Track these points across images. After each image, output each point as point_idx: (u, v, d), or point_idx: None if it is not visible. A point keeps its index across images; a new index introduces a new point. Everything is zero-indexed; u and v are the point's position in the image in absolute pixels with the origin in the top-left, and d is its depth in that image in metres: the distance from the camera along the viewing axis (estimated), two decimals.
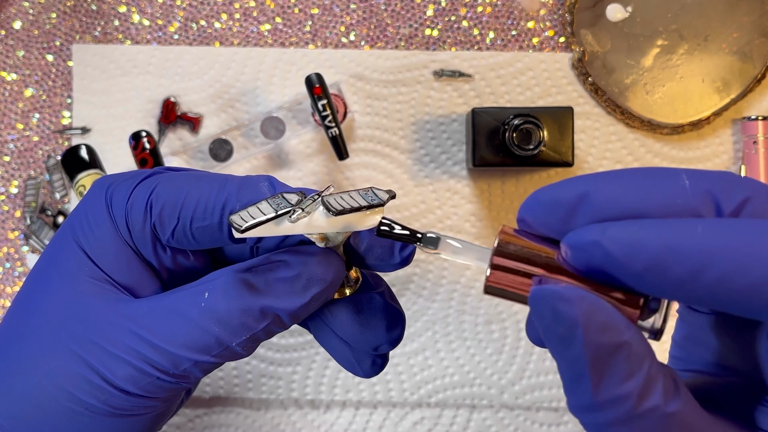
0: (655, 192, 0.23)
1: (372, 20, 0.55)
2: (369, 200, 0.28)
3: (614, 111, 0.54)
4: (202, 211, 0.30)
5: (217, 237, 0.31)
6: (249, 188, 0.30)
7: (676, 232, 0.22)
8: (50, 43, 0.55)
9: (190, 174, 0.32)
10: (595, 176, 0.24)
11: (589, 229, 0.23)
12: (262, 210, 0.27)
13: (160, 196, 0.31)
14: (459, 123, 0.55)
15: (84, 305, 0.31)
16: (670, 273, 0.22)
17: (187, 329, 0.30)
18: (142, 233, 0.31)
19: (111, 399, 0.30)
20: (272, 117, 0.54)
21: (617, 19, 0.54)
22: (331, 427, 0.55)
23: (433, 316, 0.55)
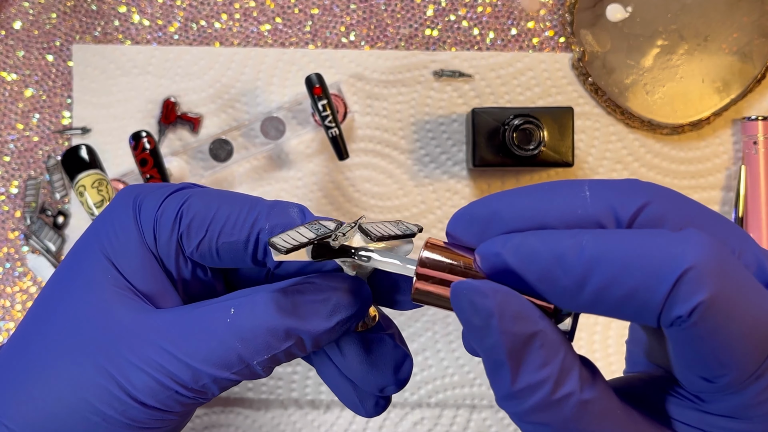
0: (557, 204, 0.25)
1: (372, 20, 0.55)
2: (402, 230, 0.30)
3: (614, 111, 0.54)
4: (231, 226, 0.31)
5: (241, 256, 0.31)
6: (279, 211, 0.31)
7: (564, 244, 0.24)
8: (50, 43, 0.55)
9: (223, 192, 0.32)
10: (506, 193, 0.26)
11: (494, 240, 0.25)
12: (302, 234, 0.28)
13: (191, 208, 0.31)
14: (459, 123, 0.55)
15: (109, 315, 0.31)
16: (559, 283, 0.24)
17: (209, 344, 0.30)
18: (168, 243, 0.31)
19: (129, 411, 0.30)
20: (272, 117, 0.54)
21: (617, 19, 0.54)
22: (331, 427, 0.55)
23: (433, 316, 0.55)
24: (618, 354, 0.55)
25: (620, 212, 0.25)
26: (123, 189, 0.33)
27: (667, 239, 0.23)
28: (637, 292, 0.23)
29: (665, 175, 0.55)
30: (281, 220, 0.31)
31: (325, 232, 0.28)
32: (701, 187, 0.55)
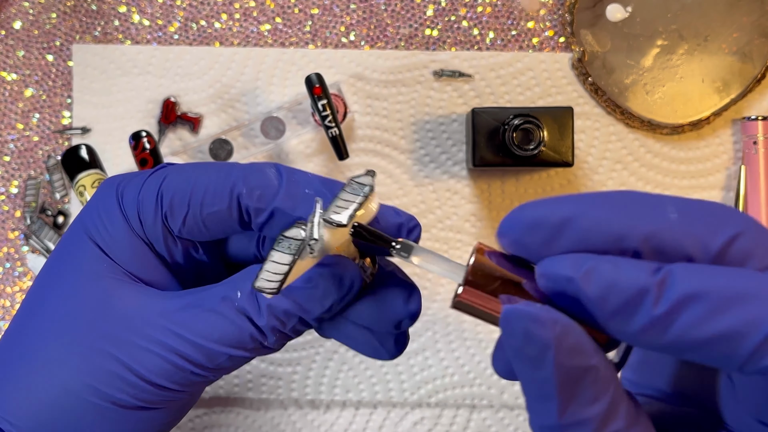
0: (639, 223, 0.23)
1: (372, 20, 0.55)
2: (360, 192, 0.28)
3: (614, 111, 0.54)
4: (212, 196, 0.31)
5: (228, 223, 0.31)
6: (256, 173, 0.31)
7: (650, 278, 0.22)
8: (50, 43, 0.55)
9: (198, 164, 0.32)
10: (580, 198, 0.24)
11: (565, 262, 0.23)
12: (279, 261, 0.28)
13: (169, 186, 0.31)
14: (459, 123, 0.55)
15: (109, 302, 0.31)
16: (635, 320, 0.22)
17: (222, 326, 0.31)
18: (154, 225, 0.31)
19: (142, 394, 0.31)
20: (272, 117, 0.54)
21: (617, 19, 0.54)
22: (331, 427, 0.55)
23: (433, 316, 0.55)
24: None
25: (710, 242, 0.23)
26: (106, 179, 0.33)
27: (761, 281, 0.22)
28: (727, 337, 0.21)
29: (665, 175, 0.55)
30: (258, 181, 0.31)
31: (296, 246, 0.27)
32: (701, 187, 0.55)
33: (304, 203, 0.30)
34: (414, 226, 0.31)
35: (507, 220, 0.24)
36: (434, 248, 0.55)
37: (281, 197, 0.30)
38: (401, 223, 0.30)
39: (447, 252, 0.55)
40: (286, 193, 0.30)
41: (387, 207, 0.31)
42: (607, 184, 0.55)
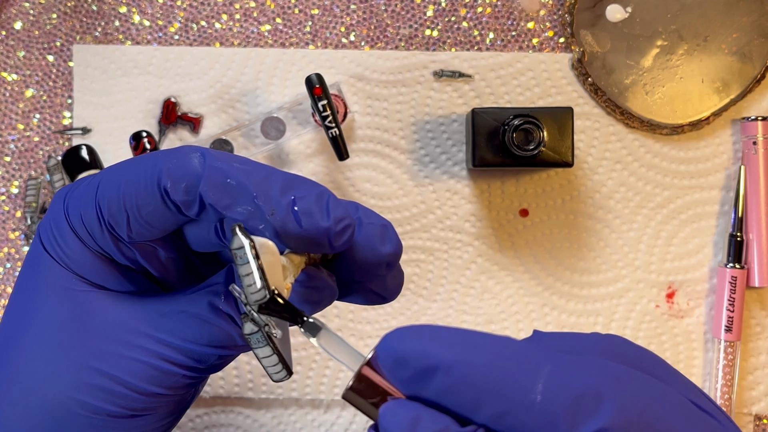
0: (499, 398, 0.23)
1: (372, 21, 0.55)
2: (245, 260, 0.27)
3: (614, 111, 0.54)
4: (143, 196, 0.29)
5: (170, 218, 0.30)
6: (178, 161, 0.29)
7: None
8: (51, 43, 0.55)
9: (127, 162, 0.31)
10: (454, 345, 0.23)
11: (402, 417, 0.24)
12: (262, 355, 0.28)
13: (104, 194, 0.30)
14: (459, 123, 0.55)
15: (88, 317, 0.31)
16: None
17: (209, 330, 0.30)
18: (102, 237, 0.31)
19: (133, 403, 0.31)
20: (272, 117, 0.54)
21: (617, 19, 0.54)
22: (332, 427, 0.55)
23: (433, 316, 0.55)
24: None
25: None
26: (57, 191, 0.32)
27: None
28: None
29: (665, 175, 0.55)
30: (181, 171, 0.29)
31: (263, 339, 0.27)
32: (701, 187, 0.55)
33: (228, 195, 0.28)
34: (343, 228, 0.29)
35: (383, 343, 0.25)
36: (434, 248, 0.55)
37: (204, 187, 0.29)
38: (327, 227, 0.28)
39: (447, 252, 0.55)
40: (208, 181, 0.29)
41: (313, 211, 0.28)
42: (607, 184, 0.55)
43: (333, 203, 0.29)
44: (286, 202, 0.28)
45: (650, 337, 0.55)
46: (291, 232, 0.28)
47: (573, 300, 0.55)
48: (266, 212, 0.28)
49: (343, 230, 0.29)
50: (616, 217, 0.55)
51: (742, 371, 0.54)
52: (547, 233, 0.55)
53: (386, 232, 0.30)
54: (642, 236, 0.55)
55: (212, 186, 0.29)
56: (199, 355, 0.31)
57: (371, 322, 0.55)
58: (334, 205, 0.29)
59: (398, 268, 0.32)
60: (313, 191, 0.29)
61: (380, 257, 0.30)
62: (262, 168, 0.29)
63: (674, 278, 0.55)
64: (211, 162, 0.29)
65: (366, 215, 0.31)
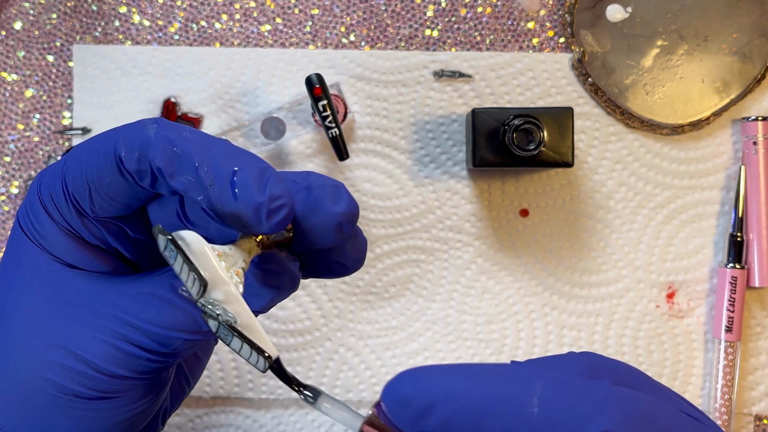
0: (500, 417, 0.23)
1: (372, 21, 0.55)
2: (172, 258, 0.27)
3: (614, 111, 0.54)
4: (102, 167, 0.29)
5: (128, 188, 0.30)
6: (134, 131, 0.29)
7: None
8: (51, 43, 0.55)
9: (92, 138, 0.31)
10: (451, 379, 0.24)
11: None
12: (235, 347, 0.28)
13: (68, 168, 0.30)
14: (459, 123, 0.55)
15: (57, 296, 0.31)
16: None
17: (173, 313, 0.30)
18: (69, 213, 0.31)
19: (100, 384, 0.31)
20: (272, 117, 0.54)
21: (617, 19, 0.54)
22: (332, 427, 0.55)
23: (433, 316, 0.55)
24: (617, 354, 0.55)
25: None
26: (38, 174, 0.33)
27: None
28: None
29: (665, 175, 0.55)
30: (135, 140, 0.28)
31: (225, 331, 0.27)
32: (701, 187, 0.55)
33: (172, 163, 0.28)
34: (278, 207, 0.28)
35: (386, 390, 0.25)
36: (434, 248, 0.55)
37: (152, 154, 0.28)
38: (261, 203, 0.27)
39: (447, 252, 0.55)
40: (156, 148, 0.28)
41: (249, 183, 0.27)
42: (607, 184, 0.55)
43: (274, 180, 0.28)
44: (227, 173, 0.27)
45: (650, 337, 0.55)
46: (225, 204, 0.27)
47: (573, 300, 0.55)
48: (206, 183, 0.27)
49: (277, 209, 0.27)
50: (616, 217, 0.55)
51: (743, 371, 0.54)
52: (547, 233, 0.55)
53: (337, 191, 0.29)
54: (642, 236, 0.55)
55: (159, 153, 0.28)
56: (163, 338, 0.30)
57: (371, 322, 0.55)
58: (275, 182, 0.28)
59: (358, 234, 0.31)
60: (257, 166, 0.28)
61: (333, 217, 0.29)
62: (212, 140, 0.29)
63: (674, 278, 0.55)
64: (162, 131, 0.28)
65: (317, 179, 0.30)
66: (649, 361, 0.55)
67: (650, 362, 0.55)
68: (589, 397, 0.23)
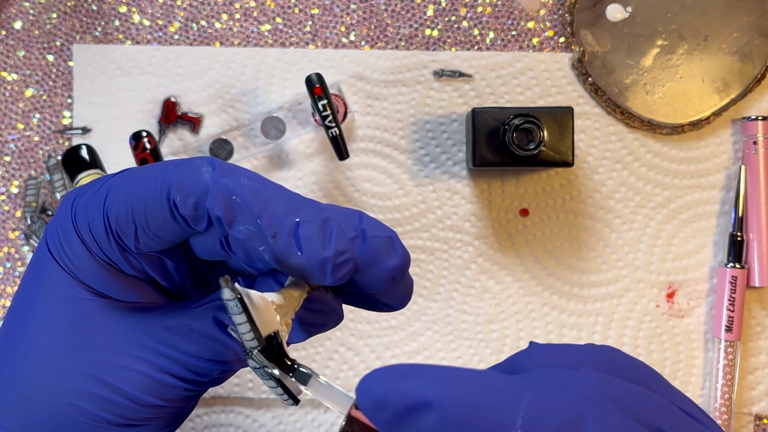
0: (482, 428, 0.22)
1: (372, 20, 0.55)
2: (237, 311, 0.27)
3: (614, 111, 0.54)
4: (152, 209, 0.29)
5: (178, 230, 0.30)
6: (188, 174, 0.29)
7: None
8: (51, 43, 0.55)
9: (136, 171, 0.30)
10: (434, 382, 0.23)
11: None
12: (270, 386, 0.28)
13: (112, 204, 0.30)
14: (459, 123, 0.55)
15: (92, 327, 0.31)
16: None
17: (213, 346, 0.30)
18: (110, 247, 0.30)
19: (134, 414, 0.31)
20: (272, 117, 0.54)
21: (617, 19, 0.54)
22: (332, 427, 0.55)
23: (433, 316, 0.55)
24: None
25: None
26: (66, 194, 0.32)
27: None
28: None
29: (665, 175, 0.55)
30: (191, 186, 0.28)
31: (271, 382, 0.28)
32: (701, 187, 0.55)
33: (231, 213, 0.28)
34: (343, 262, 0.28)
35: (361, 386, 0.24)
36: (434, 248, 0.55)
37: (210, 202, 0.28)
38: (326, 258, 0.28)
39: (447, 252, 0.55)
40: (214, 197, 0.28)
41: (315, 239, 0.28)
42: (607, 184, 0.55)
43: (337, 233, 0.28)
44: (290, 225, 0.28)
45: (650, 336, 0.55)
46: (290, 258, 0.28)
47: (573, 300, 0.55)
48: (268, 234, 0.28)
49: (342, 263, 0.28)
50: (616, 216, 0.55)
51: (743, 371, 0.54)
52: (547, 233, 0.55)
53: (392, 244, 0.29)
54: (642, 236, 0.55)
55: (218, 202, 0.28)
56: (202, 369, 0.30)
57: (371, 322, 0.55)
58: (338, 235, 0.28)
59: (407, 278, 0.31)
60: (319, 216, 0.28)
61: (386, 271, 0.29)
62: (270, 186, 0.29)
63: (674, 278, 0.55)
64: (219, 177, 0.28)
65: (370, 227, 0.30)
66: (649, 361, 0.55)
67: (650, 362, 0.55)
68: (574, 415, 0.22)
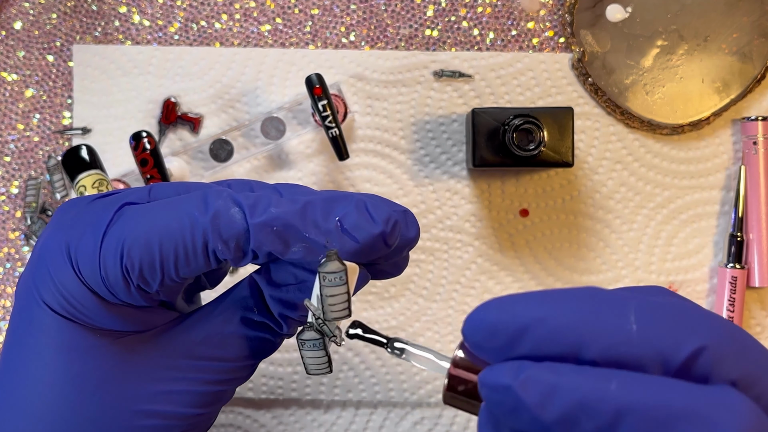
0: (597, 334, 0.23)
1: (372, 21, 0.55)
2: (341, 282, 0.28)
3: (614, 111, 0.54)
4: (184, 257, 0.29)
5: (202, 270, 0.30)
6: (223, 221, 0.29)
7: (590, 387, 0.22)
8: (51, 43, 0.55)
9: (155, 214, 0.30)
10: (541, 302, 0.23)
11: (503, 371, 0.23)
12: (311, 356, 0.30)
13: (133, 255, 0.29)
14: (459, 123, 0.55)
15: (125, 366, 0.30)
16: (579, 428, 0.22)
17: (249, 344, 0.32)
18: (128, 294, 0.30)
19: (187, 427, 0.31)
20: (272, 117, 0.54)
21: (617, 19, 0.54)
22: (332, 427, 0.55)
23: (433, 317, 0.55)
24: None
25: (670, 357, 0.22)
26: (47, 237, 0.30)
27: (708, 401, 0.21)
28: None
29: (665, 175, 0.55)
30: (229, 232, 0.29)
31: (323, 344, 0.29)
32: (701, 187, 0.55)
33: (279, 242, 0.29)
34: (393, 226, 0.30)
35: (468, 322, 0.24)
36: (434, 248, 0.55)
37: (255, 244, 0.29)
38: (381, 232, 0.29)
39: (447, 252, 0.55)
40: (257, 238, 0.29)
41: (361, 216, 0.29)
42: (607, 184, 0.55)
43: (372, 207, 0.30)
44: (334, 226, 0.29)
45: None
46: (350, 250, 0.29)
47: None
48: (321, 243, 0.29)
49: (393, 228, 0.30)
50: (616, 217, 0.55)
51: None
52: (547, 233, 0.55)
53: (408, 217, 0.31)
54: (642, 236, 0.55)
55: (263, 240, 0.29)
56: (241, 369, 0.31)
57: (371, 322, 0.55)
58: (374, 208, 0.30)
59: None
60: (351, 204, 0.30)
61: (408, 241, 0.31)
62: (297, 201, 0.30)
63: (674, 278, 0.55)
64: (251, 218, 0.29)
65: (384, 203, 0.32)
66: None
67: None
68: (683, 315, 0.23)
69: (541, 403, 0.22)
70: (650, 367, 0.22)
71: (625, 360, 0.22)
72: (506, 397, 0.23)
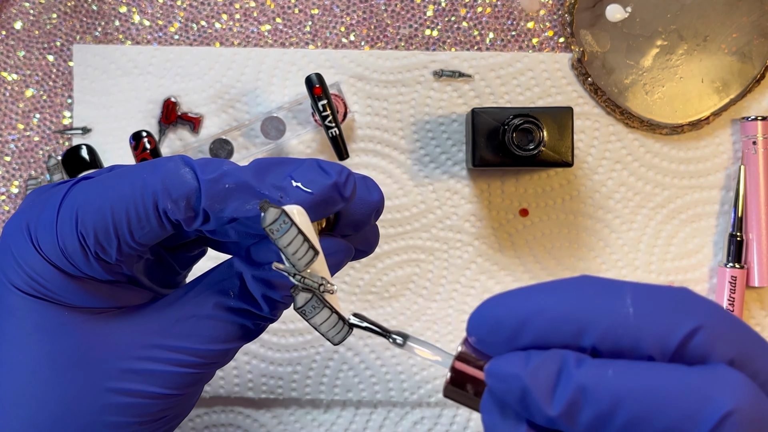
0: (595, 319, 0.23)
1: (372, 21, 0.55)
2: (285, 228, 0.28)
3: (614, 111, 0.55)
4: (136, 220, 0.29)
5: (162, 234, 0.30)
6: (173, 178, 0.29)
7: (589, 373, 0.23)
8: (51, 43, 0.55)
9: (102, 183, 0.30)
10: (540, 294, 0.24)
11: (512, 360, 0.24)
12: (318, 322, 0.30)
13: (86, 222, 0.29)
14: (459, 123, 0.55)
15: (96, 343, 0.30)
16: (580, 415, 0.23)
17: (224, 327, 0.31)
18: (88, 265, 0.30)
19: (162, 407, 0.31)
20: (272, 117, 0.54)
21: (617, 19, 0.54)
22: (332, 427, 0.55)
23: (432, 316, 0.55)
24: None
25: (667, 339, 0.23)
26: (8, 221, 0.31)
27: (704, 379, 0.22)
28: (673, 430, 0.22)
29: (665, 175, 0.55)
30: (179, 190, 0.29)
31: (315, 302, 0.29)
32: (701, 187, 0.55)
33: (233, 198, 0.29)
34: (346, 177, 0.30)
35: (473, 318, 0.25)
36: (434, 248, 0.55)
37: (207, 201, 0.29)
38: (334, 182, 0.30)
39: (447, 252, 0.55)
40: (209, 194, 0.29)
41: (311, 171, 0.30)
42: (606, 184, 0.55)
43: (324, 163, 0.30)
44: (287, 182, 0.29)
45: None
46: (306, 203, 0.29)
47: None
48: (275, 199, 0.29)
49: (347, 179, 0.30)
50: (616, 217, 0.55)
51: None
52: (547, 233, 0.55)
53: (368, 181, 0.32)
54: (642, 236, 0.55)
55: (214, 197, 0.29)
56: (215, 353, 0.31)
57: None
58: (327, 165, 0.30)
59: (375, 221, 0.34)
60: (302, 162, 0.30)
61: (372, 205, 0.32)
62: (251, 164, 0.31)
63: (674, 278, 0.55)
64: (203, 175, 0.29)
65: (339, 168, 0.32)
66: None
67: None
68: (679, 298, 0.23)
69: (547, 391, 0.23)
70: (649, 348, 0.23)
71: (624, 344, 0.23)
72: (514, 386, 0.23)
